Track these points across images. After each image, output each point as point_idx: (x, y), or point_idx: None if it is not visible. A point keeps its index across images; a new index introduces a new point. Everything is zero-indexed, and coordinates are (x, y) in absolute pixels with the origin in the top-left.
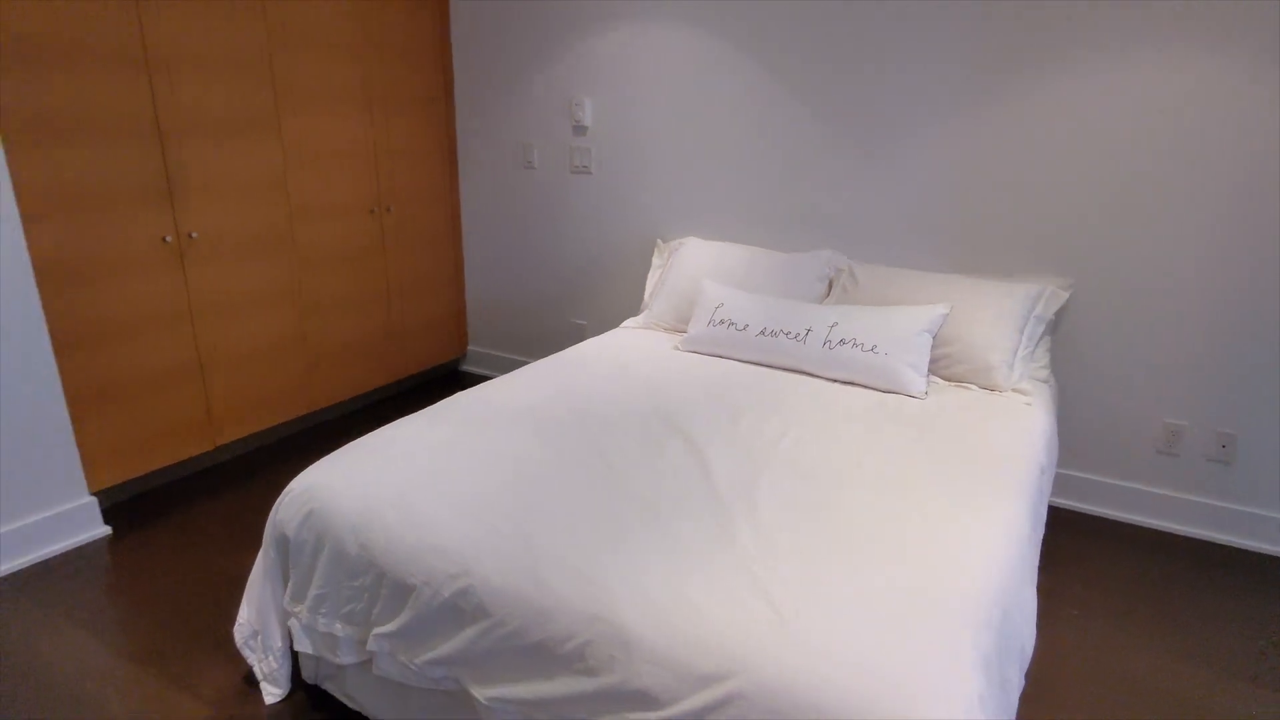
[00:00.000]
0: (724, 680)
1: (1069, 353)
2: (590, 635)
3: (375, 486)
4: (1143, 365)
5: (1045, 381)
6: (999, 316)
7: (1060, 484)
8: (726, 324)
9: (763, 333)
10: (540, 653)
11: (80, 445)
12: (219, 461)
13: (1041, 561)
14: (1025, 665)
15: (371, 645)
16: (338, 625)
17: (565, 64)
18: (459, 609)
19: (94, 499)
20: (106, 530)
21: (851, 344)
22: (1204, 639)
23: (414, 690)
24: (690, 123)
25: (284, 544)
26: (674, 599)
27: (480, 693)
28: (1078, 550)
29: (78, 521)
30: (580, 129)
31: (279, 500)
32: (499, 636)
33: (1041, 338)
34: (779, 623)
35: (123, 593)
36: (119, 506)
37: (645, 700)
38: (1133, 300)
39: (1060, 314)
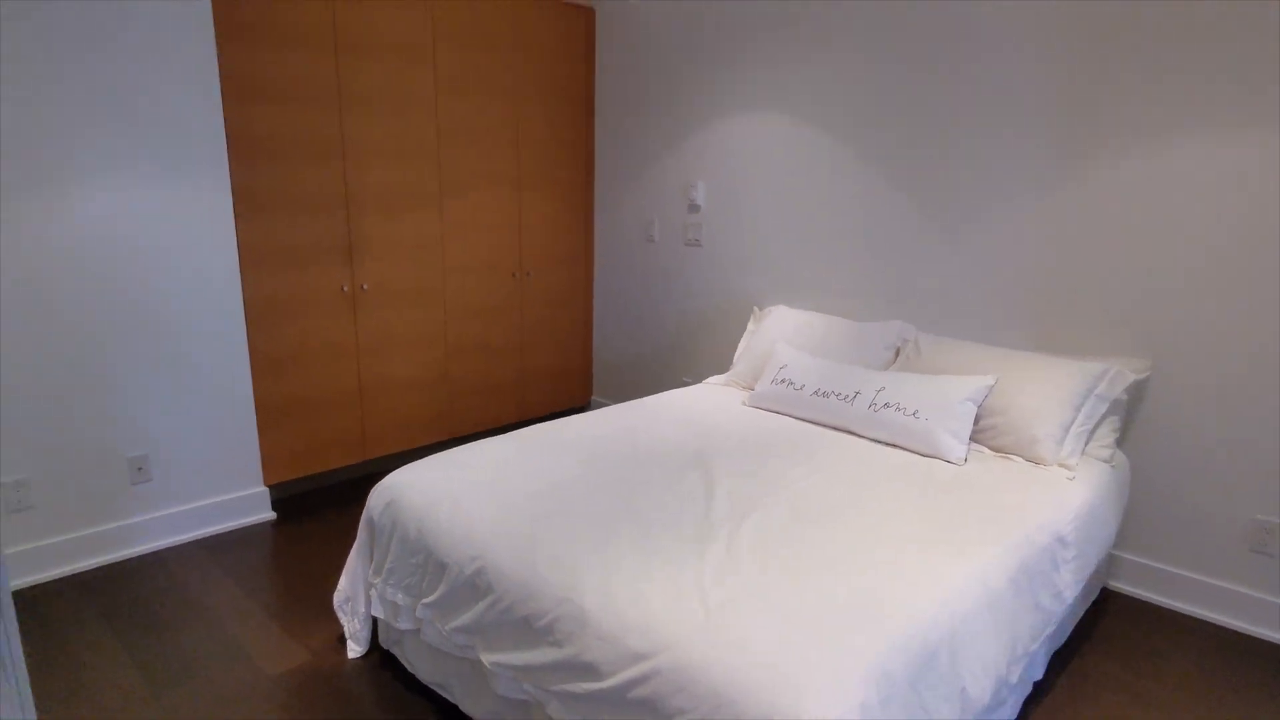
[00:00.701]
0: (650, 658)
1: (1150, 436)
2: (559, 613)
3: (438, 486)
4: (1230, 454)
5: (1107, 461)
6: (1050, 391)
7: (1137, 573)
8: (786, 383)
9: (816, 393)
10: (526, 626)
11: (261, 447)
12: (367, 473)
13: (1100, 648)
14: (977, 705)
15: (419, 613)
16: (400, 595)
17: (683, 151)
18: (475, 586)
19: (266, 490)
20: (272, 515)
21: (895, 408)
22: None
23: (449, 657)
24: (787, 202)
25: (370, 526)
26: (630, 592)
27: (486, 658)
28: (1148, 644)
29: (252, 506)
30: (694, 207)
31: (371, 492)
32: (499, 610)
33: (1105, 417)
34: (704, 618)
35: (274, 564)
36: (284, 499)
37: (592, 671)
38: (1217, 385)
39: (1139, 395)
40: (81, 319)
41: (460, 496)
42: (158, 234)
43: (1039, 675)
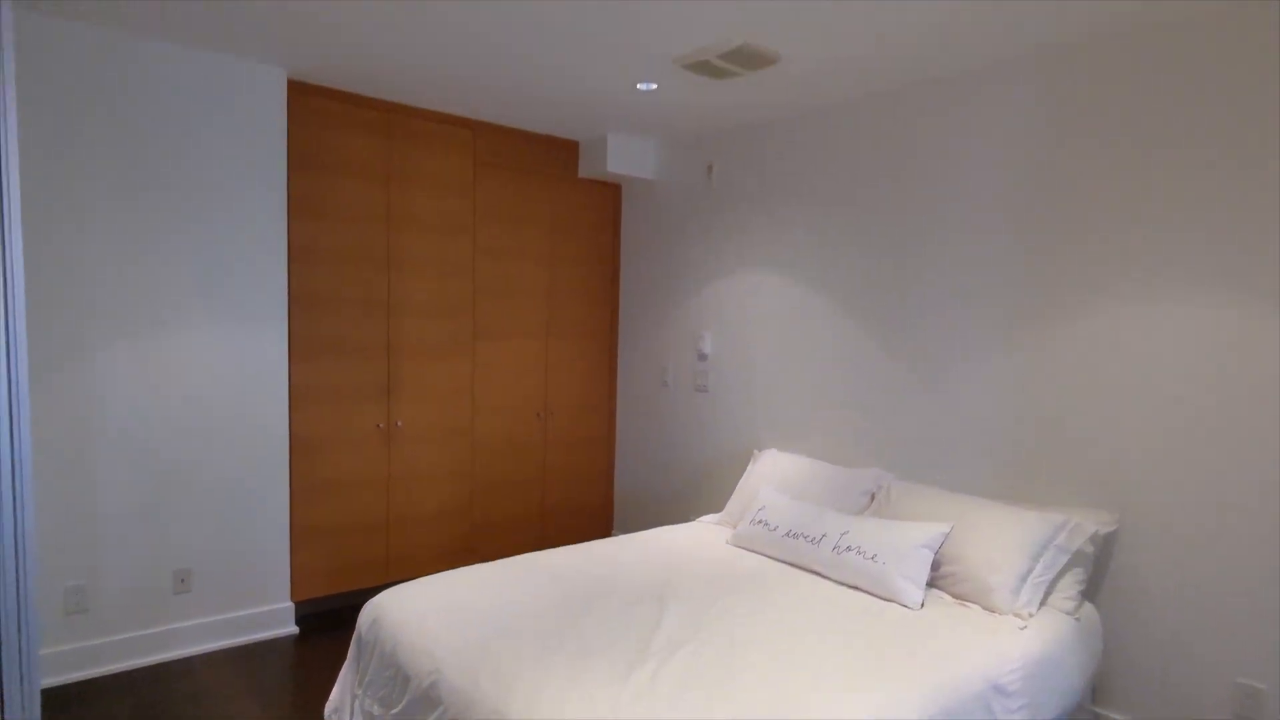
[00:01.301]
0: None
1: (1123, 591)
2: None
3: (416, 605)
4: (1205, 613)
5: (1071, 614)
6: (1008, 541)
7: None
8: (762, 524)
9: (788, 534)
10: None
11: (292, 566)
12: None
13: None
14: None
15: None
16: (376, 706)
17: (694, 305)
18: (429, 698)
19: (292, 605)
20: (295, 630)
21: (856, 551)
22: None
23: None
24: (784, 353)
25: (359, 641)
26: (550, 705)
27: None
28: None
29: (277, 619)
30: (703, 356)
31: (362, 609)
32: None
33: (1068, 569)
34: None
35: (290, 675)
36: (308, 615)
37: None
38: (1187, 541)
39: (1109, 549)
40: (148, 446)
41: (430, 615)
42: (224, 375)
43: None
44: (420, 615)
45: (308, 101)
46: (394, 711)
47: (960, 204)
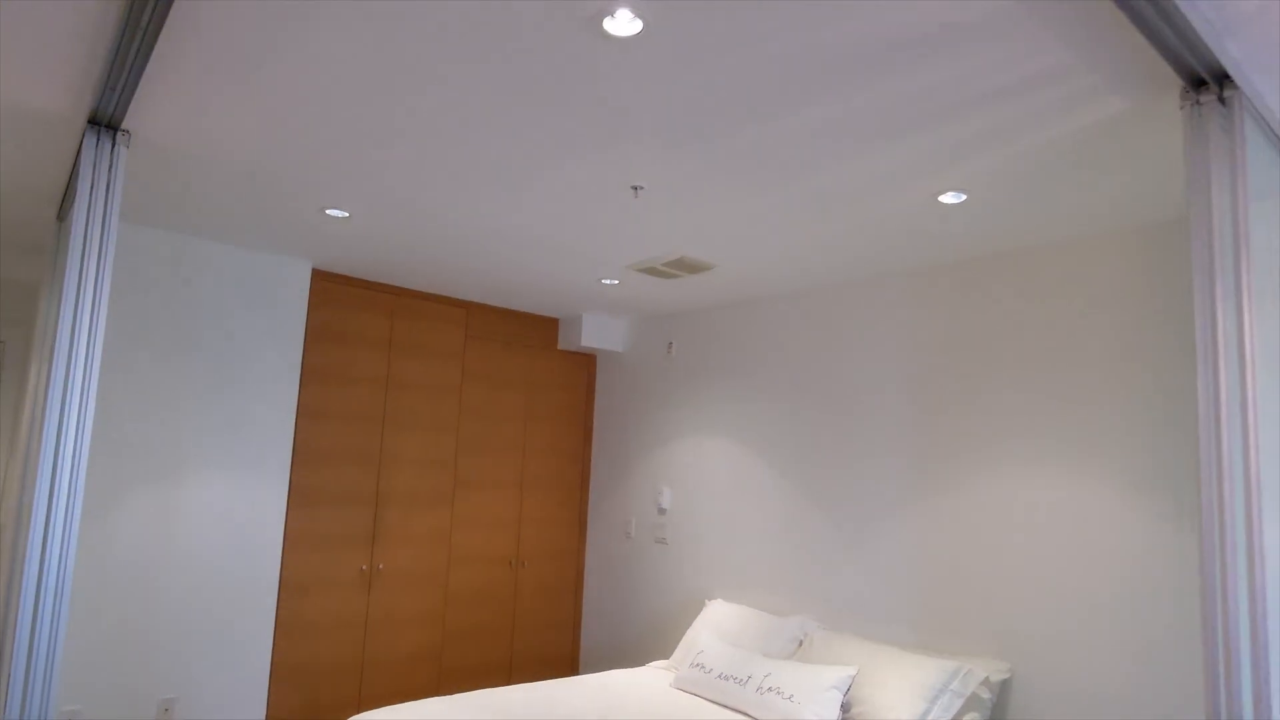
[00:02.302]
0: None
1: None
2: None
3: None
4: None
5: None
6: (905, 685)
7: None
8: (699, 667)
9: (720, 676)
10: None
11: (269, 704)
12: None
13: None
14: None
15: None
16: None
17: (655, 463)
18: None
19: None
20: None
21: (775, 691)
22: None
23: None
24: (731, 510)
25: None
26: None
27: None
28: None
29: None
30: (662, 510)
31: None
32: None
33: (964, 712)
34: None
35: None
36: None
37: None
38: (1067, 685)
39: (1005, 693)
40: (151, 581)
41: None
42: (228, 520)
43: None
44: None
45: (327, 287)
46: None
47: (866, 387)
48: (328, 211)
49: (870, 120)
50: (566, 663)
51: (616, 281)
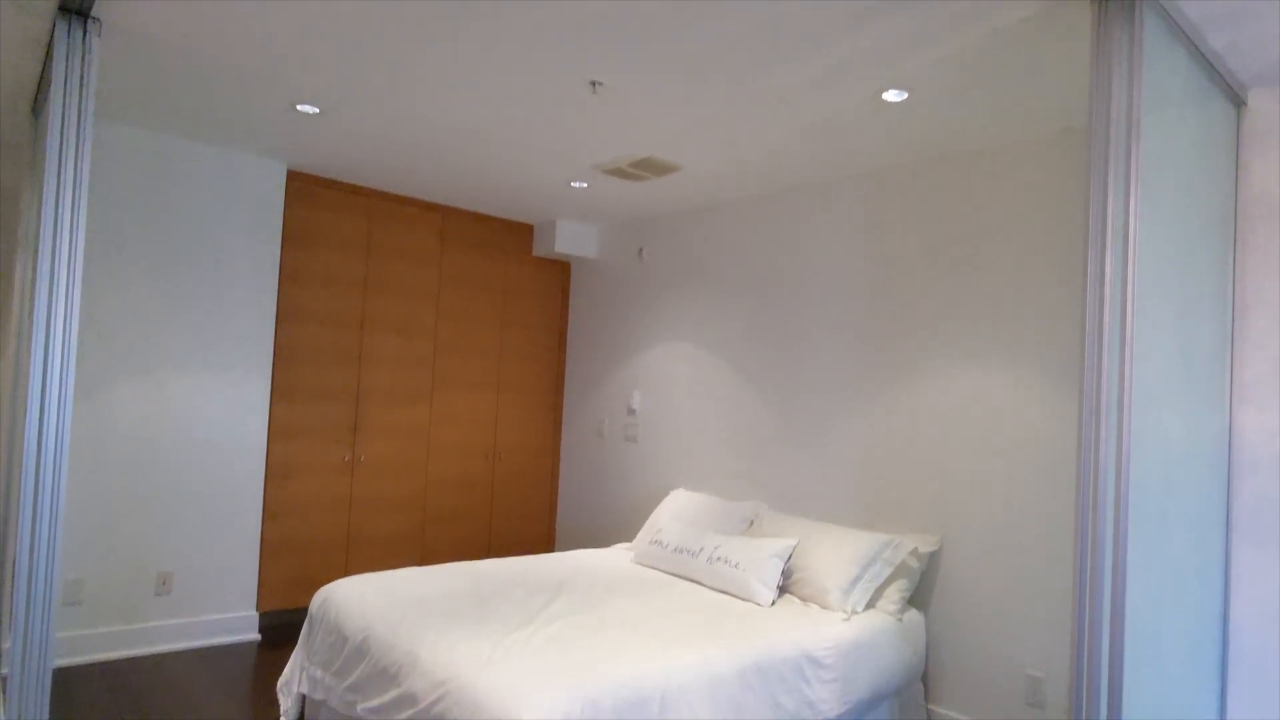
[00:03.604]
0: (445, 684)
1: (944, 601)
2: (403, 660)
3: (357, 588)
4: (1005, 618)
5: (894, 615)
6: (840, 555)
7: None
8: (656, 543)
9: (675, 550)
10: (384, 673)
11: (261, 578)
12: None
13: None
14: None
15: (328, 682)
16: (318, 670)
17: (627, 367)
18: (361, 651)
19: (256, 615)
20: (258, 637)
21: (724, 561)
22: None
23: (343, 719)
24: (695, 409)
25: (310, 619)
26: (448, 647)
27: (361, 706)
28: None
29: (243, 626)
30: (632, 411)
31: (314, 594)
32: (372, 665)
33: (893, 579)
34: (485, 663)
35: (249, 675)
36: (270, 626)
37: (413, 700)
38: (987, 557)
39: (934, 564)
40: (143, 463)
41: (367, 594)
42: (215, 410)
43: None
44: (360, 594)
45: (303, 188)
46: (334, 669)
47: (820, 290)
48: (299, 107)
49: (811, 19)
50: (542, 546)
51: (585, 184)
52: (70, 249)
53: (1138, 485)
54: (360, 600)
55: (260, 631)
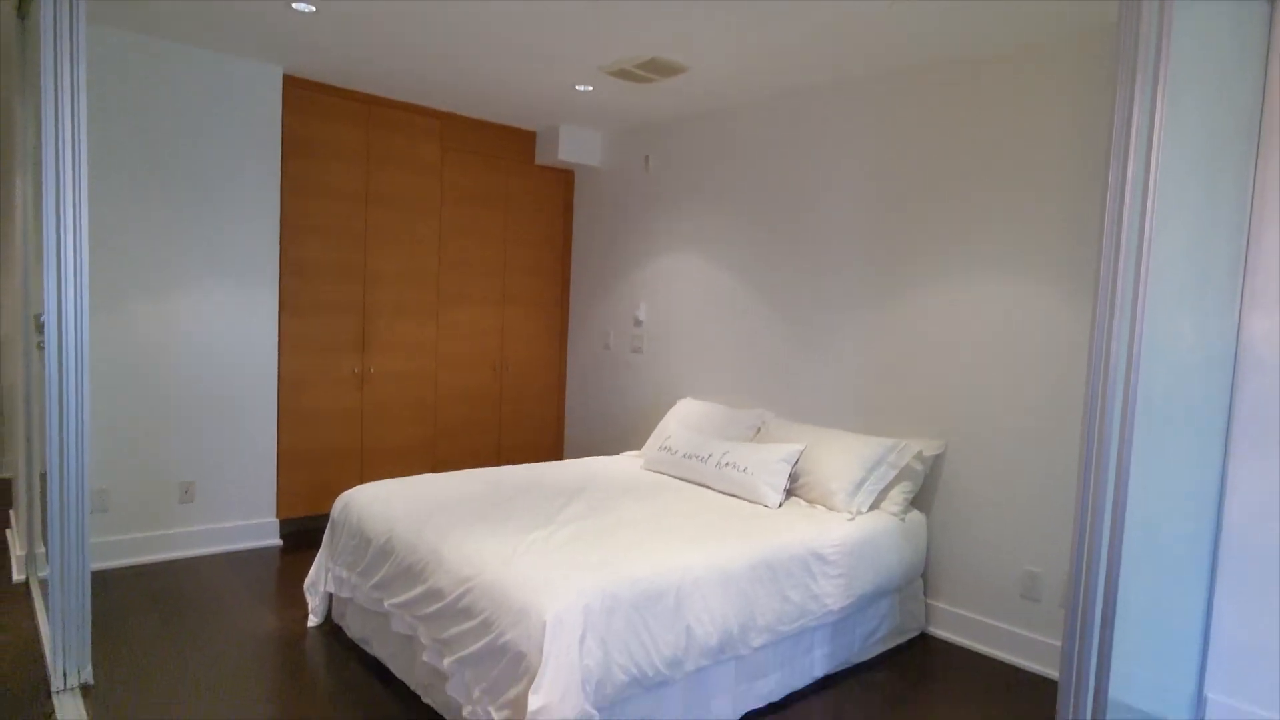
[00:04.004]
0: (470, 580)
1: (947, 502)
2: (428, 559)
3: (379, 493)
4: (1005, 517)
5: (896, 516)
6: (846, 459)
7: (946, 619)
8: (666, 449)
9: (684, 455)
10: (409, 571)
11: (279, 487)
12: None
13: (897, 671)
14: (702, 643)
15: (353, 581)
16: (344, 570)
17: (633, 278)
18: (385, 551)
19: (277, 521)
20: (279, 542)
21: (732, 466)
22: None
23: (371, 616)
24: (701, 320)
25: (333, 523)
26: (472, 547)
27: (388, 603)
28: (935, 671)
29: (265, 532)
30: (638, 322)
31: (336, 500)
32: (396, 564)
33: (897, 481)
34: (508, 560)
35: (273, 576)
36: (289, 533)
37: (439, 594)
38: (989, 461)
39: (937, 467)
40: (161, 379)
41: (389, 498)
42: (226, 325)
43: (818, 673)
44: (382, 498)
45: (300, 94)
46: (359, 570)
47: (830, 198)
48: (294, 5)
49: None
50: (550, 457)
51: (590, 88)
52: (74, 157)
53: (1146, 385)
54: (382, 504)
55: (281, 537)
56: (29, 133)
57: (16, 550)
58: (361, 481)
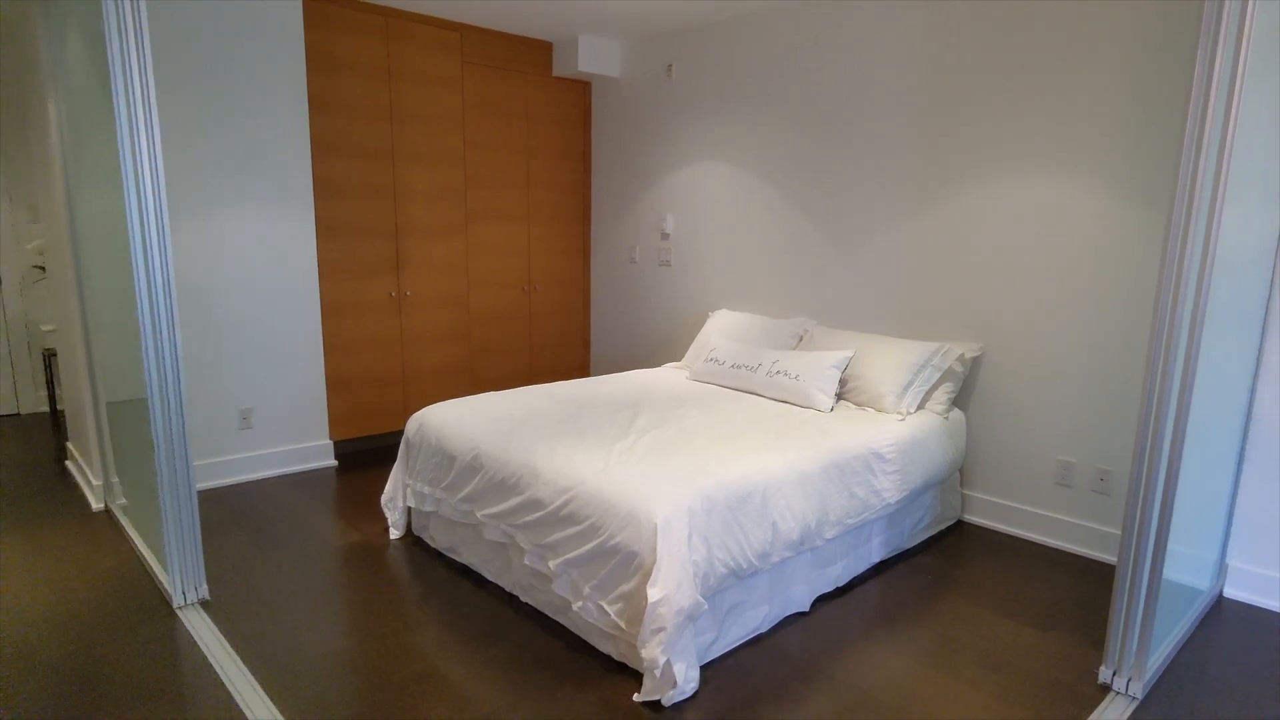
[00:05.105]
0: (571, 489)
1: (985, 400)
2: (522, 473)
3: (452, 412)
4: (1039, 412)
5: (941, 415)
6: (895, 362)
7: (982, 507)
8: (713, 360)
9: (733, 366)
10: (502, 485)
11: (329, 410)
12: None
13: (939, 553)
14: (785, 538)
15: (438, 495)
16: (425, 486)
17: (657, 192)
18: (472, 467)
19: (331, 443)
20: (334, 463)
21: (783, 373)
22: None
23: (458, 527)
24: (731, 230)
25: (407, 443)
26: (564, 459)
27: (480, 513)
28: (976, 552)
29: (321, 454)
30: (665, 235)
31: (408, 421)
32: (487, 479)
33: (940, 383)
34: (604, 469)
35: (338, 493)
36: (343, 454)
37: (539, 504)
38: (1027, 360)
39: (976, 370)
40: (210, 306)
41: (464, 417)
42: (266, 249)
43: (875, 559)
44: (457, 418)
45: (319, 8)
46: (443, 485)
47: (865, 98)
48: None
49: None
50: (579, 373)
51: None
52: (142, 83)
53: (1216, 286)
54: (459, 424)
55: (335, 458)
56: (62, 55)
57: (93, 480)
58: (405, 404)
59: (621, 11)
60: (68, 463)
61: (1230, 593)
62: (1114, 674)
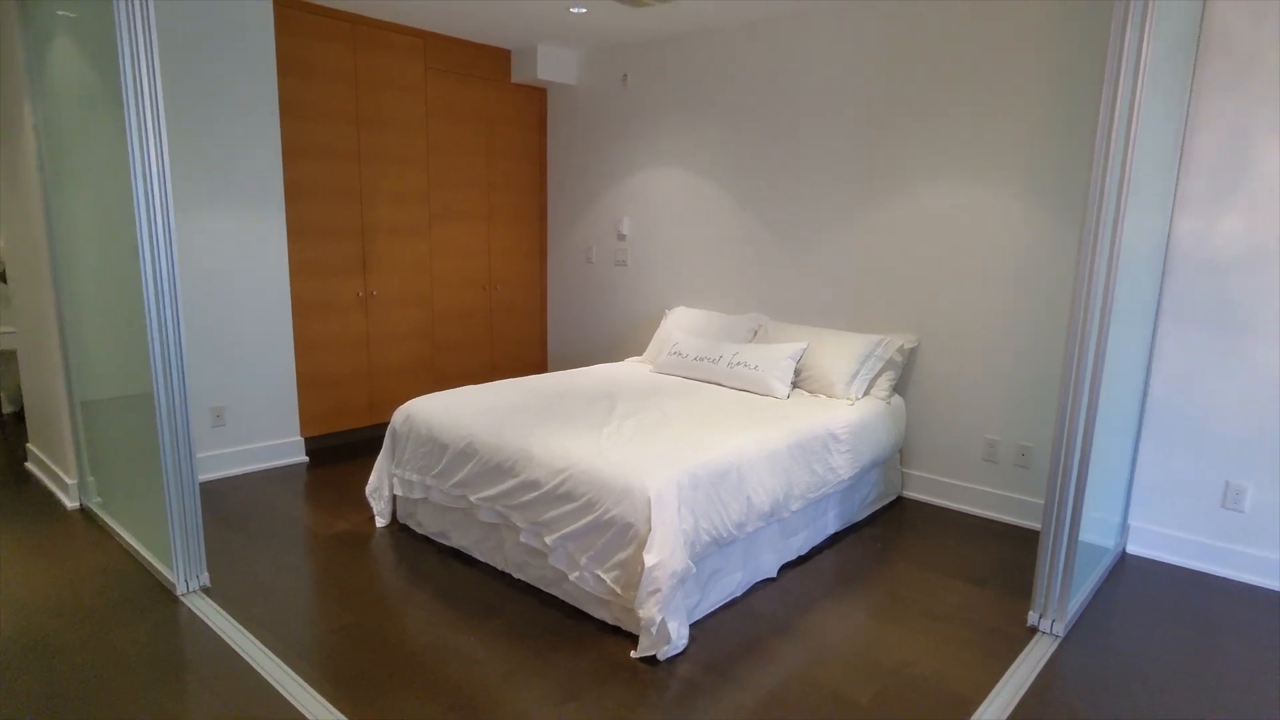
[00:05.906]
0: (566, 470)
1: (921, 386)
2: (517, 457)
3: (439, 403)
4: (969, 396)
5: (883, 400)
6: (841, 354)
7: (919, 484)
8: (676, 354)
9: (696, 359)
10: (497, 469)
11: (300, 408)
12: (371, 435)
13: (882, 524)
14: (758, 510)
15: (427, 482)
16: (413, 475)
17: (614, 193)
18: (465, 454)
19: (302, 439)
20: (305, 459)
21: (743, 364)
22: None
23: (447, 511)
24: (686, 232)
25: (393, 434)
26: (557, 443)
27: (473, 497)
28: (913, 523)
29: (292, 450)
30: (621, 236)
31: (394, 412)
32: (481, 464)
33: (883, 371)
34: (596, 451)
35: (314, 487)
36: (313, 450)
37: (535, 485)
38: (957, 350)
39: (913, 357)
40: (187, 308)
41: (452, 408)
42: (238, 251)
43: (831, 530)
44: (444, 409)
45: (290, 14)
46: (433, 472)
47: (810, 111)
48: None
49: None
50: (539, 369)
51: (584, 10)
52: (150, 88)
53: (1122, 281)
54: (448, 414)
55: (306, 454)
56: (30, 56)
57: (65, 479)
58: (371, 401)
59: (579, 23)
60: (28, 464)
61: (1132, 549)
62: (1040, 617)
